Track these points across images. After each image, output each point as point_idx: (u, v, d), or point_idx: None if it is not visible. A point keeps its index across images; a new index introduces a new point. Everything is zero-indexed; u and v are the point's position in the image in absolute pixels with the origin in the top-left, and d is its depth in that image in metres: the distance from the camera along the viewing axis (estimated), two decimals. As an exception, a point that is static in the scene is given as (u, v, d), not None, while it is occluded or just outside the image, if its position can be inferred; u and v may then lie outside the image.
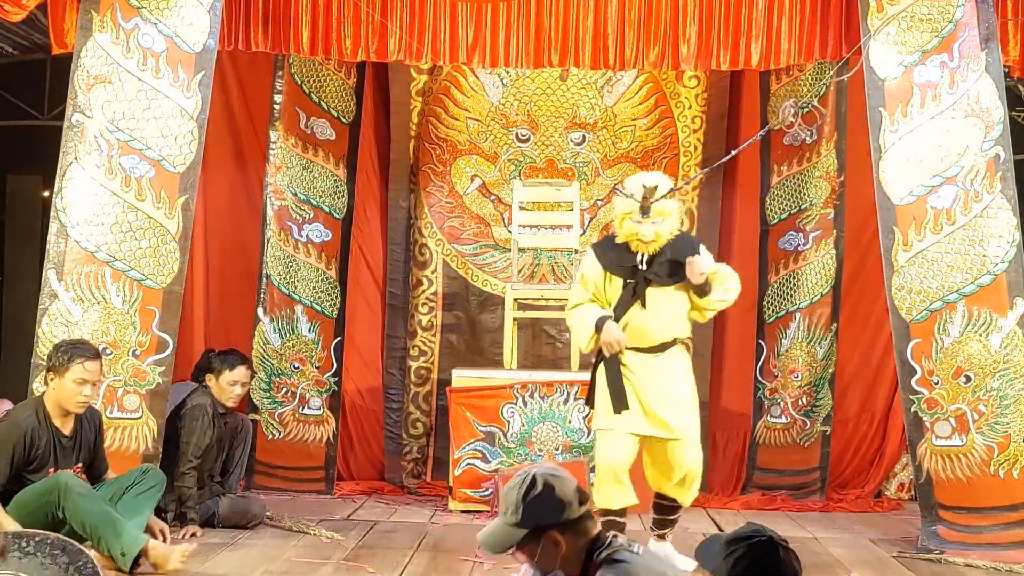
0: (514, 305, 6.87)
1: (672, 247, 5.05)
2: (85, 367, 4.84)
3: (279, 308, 7.15)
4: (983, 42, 5.71)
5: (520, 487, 2.86)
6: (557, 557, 2.84)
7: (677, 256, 5.02)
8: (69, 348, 4.89)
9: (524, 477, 2.88)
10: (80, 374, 4.82)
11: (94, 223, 5.62)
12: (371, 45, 6.24)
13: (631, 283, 5.00)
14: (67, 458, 4.88)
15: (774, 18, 6.15)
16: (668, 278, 5.01)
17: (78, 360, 4.82)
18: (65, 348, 4.89)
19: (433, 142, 7.59)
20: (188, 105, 5.73)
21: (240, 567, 4.92)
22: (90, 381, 4.88)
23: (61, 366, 4.82)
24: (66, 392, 4.83)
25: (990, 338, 5.59)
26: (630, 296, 4.99)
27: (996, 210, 5.63)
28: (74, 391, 4.83)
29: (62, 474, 4.70)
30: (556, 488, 2.85)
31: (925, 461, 5.62)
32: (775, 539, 2.49)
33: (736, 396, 7.48)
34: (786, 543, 2.47)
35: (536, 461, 6.39)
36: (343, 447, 7.36)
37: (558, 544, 2.83)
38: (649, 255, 5.00)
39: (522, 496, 2.85)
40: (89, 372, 4.85)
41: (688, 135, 7.57)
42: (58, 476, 4.68)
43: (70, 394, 4.84)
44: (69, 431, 4.90)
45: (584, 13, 6.23)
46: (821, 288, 7.21)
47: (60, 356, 4.84)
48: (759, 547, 2.47)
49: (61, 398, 4.85)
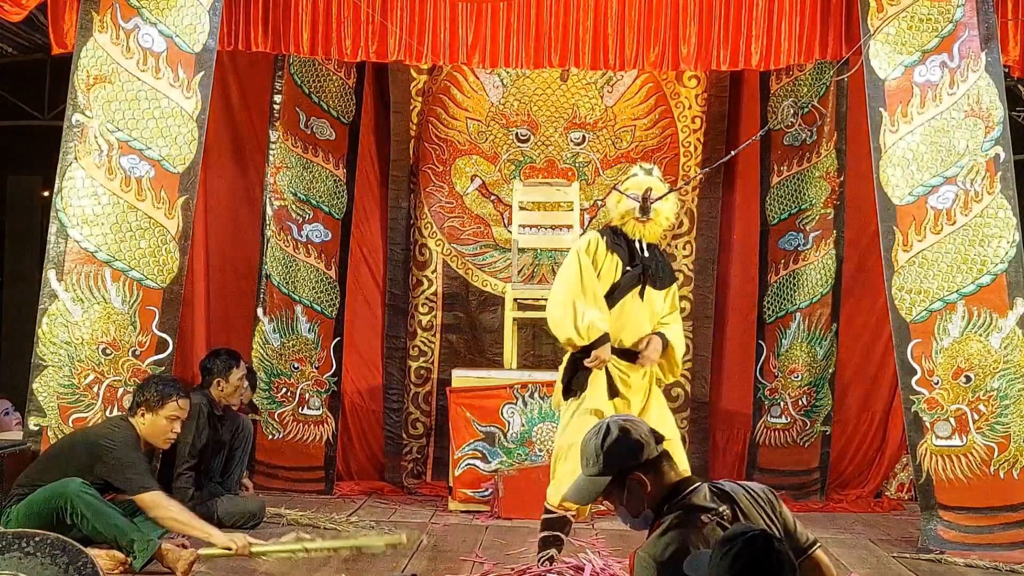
0: (514, 305, 6.87)
1: (662, 255, 4.96)
2: (179, 404, 5.00)
3: (279, 308, 7.15)
4: (983, 42, 5.71)
5: (596, 437, 2.95)
6: (644, 498, 2.91)
7: (666, 267, 4.94)
8: (164, 385, 5.01)
9: (597, 428, 2.97)
10: (175, 411, 4.98)
11: (94, 223, 5.62)
12: (371, 45, 6.24)
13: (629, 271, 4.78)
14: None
15: (774, 18, 6.14)
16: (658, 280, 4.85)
17: (174, 398, 4.97)
18: (160, 385, 5.00)
19: (433, 142, 7.59)
20: (188, 105, 5.73)
21: (240, 567, 4.91)
22: (181, 418, 5.04)
23: (156, 403, 4.94)
24: (159, 428, 4.96)
25: (990, 338, 5.59)
26: (631, 283, 4.77)
27: (996, 210, 5.63)
28: (166, 428, 4.97)
29: (71, 482, 4.69)
30: (631, 431, 2.95)
31: (925, 461, 5.63)
32: (769, 534, 2.51)
33: (736, 396, 7.49)
34: (779, 538, 2.49)
35: (536, 461, 6.39)
36: (343, 447, 7.37)
37: (643, 484, 2.90)
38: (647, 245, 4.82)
39: (600, 444, 2.93)
40: (183, 410, 5.02)
41: (688, 135, 7.57)
42: (66, 484, 4.68)
43: (162, 430, 4.98)
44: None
45: (584, 13, 6.22)
46: (821, 288, 7.22)
47: (154, 393, 4.95)
48: (755, 542, 2.50)
49: (151, 433, 4.97)
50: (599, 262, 4.77)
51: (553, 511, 4.62)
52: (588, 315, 4.66)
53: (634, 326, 4.79)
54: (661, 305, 4.87)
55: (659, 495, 2.91)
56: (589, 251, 4.78)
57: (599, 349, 4.65)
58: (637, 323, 4.79)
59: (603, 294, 4.75)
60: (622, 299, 4.77)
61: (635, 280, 4.78)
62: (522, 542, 5.56)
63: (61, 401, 5.53)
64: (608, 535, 5.78)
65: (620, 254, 4.79)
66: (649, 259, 4.82)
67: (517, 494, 6.26)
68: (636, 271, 4.78)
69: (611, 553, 5.22)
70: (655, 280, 4.83)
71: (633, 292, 4.79)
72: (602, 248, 4.78)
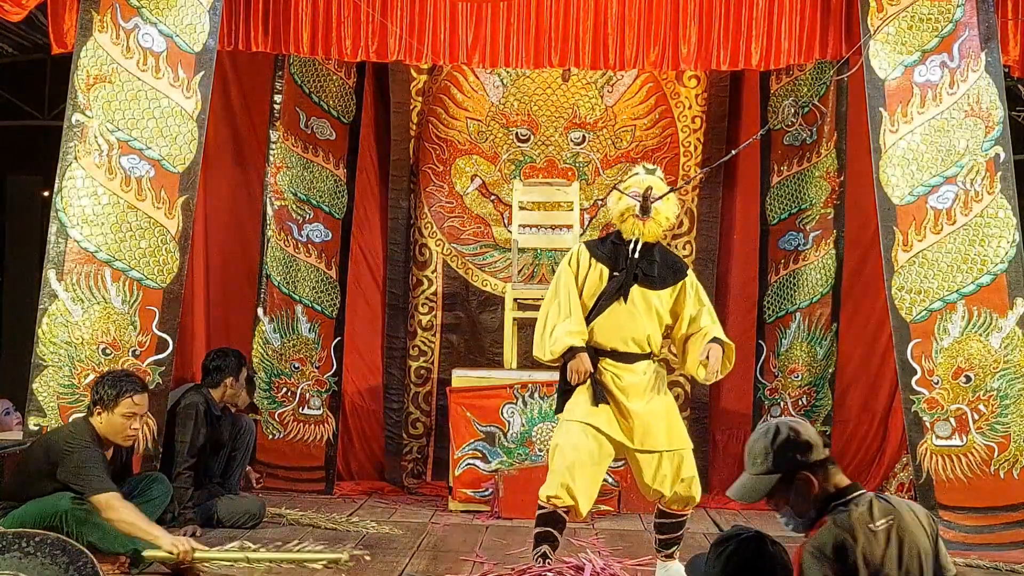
0: (514, 305, 6.86)
1: (663, 254, 4.84)
2: (135, 401, 4.80)
3: (279, 308, 7.16)
4: (983, 42, 5.71)
5: (765, 436, 2.96)
6: (810, 498, 2.90)
7: (666, 266, 4.81)
8: (116, 381, 4.82)
9: (766, 429, 2.98)
10: (131, 408, 4.79)
11: (94, 223, 5.62)
12: (371, 45, 6.23)
13: (615, 276, 4.72)
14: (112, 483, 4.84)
15: (774, 18, 6.14)
16: (655, 280, 4.77)
17: (127, 395, 4.78)
18: (112, 381, 4.82)
19: (433, 142, 7.59)
20: (188, 105, 5.73)
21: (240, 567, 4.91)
22: (139, 415, 4.86)
23: (110, 400, 4.76)
24: (116, 426, 4.78)
25: (990, 338, 5.59)
26: (615, 289, 4.71)
27: (996, 210, 5.63)
28: (124, 425, 4.79)
29: (61, 499, 4.63)
30: (801, 431, 2.95)
31: (925, 461, 5.63)
32: (763, 535, 2.53)
33: (736, 396, 7.48)
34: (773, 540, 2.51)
35: (536, 461, 6.39)
36: (343, 447, 7.37)
37: (811, 484, 2.88)
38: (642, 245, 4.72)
39: (770, 443, 2.94)
40: (138, 406, 4.82)
41: (688, 135, 7.57)
42: (57, 502, 4.61)
43: (120, 428, 4.79)
44: (110, 456, 4.87)
45: (584, 13, 6.22)
46: (821, 288, 7.22)
47: (107, 390, 4.77)
48: (748, 543, 2.53)
49: (109, 432, 4.79)
50: (582, 273, 4.76)
51: (544, 506, 4.60)
52: (556, 331, 4.68)
53: (628, 330, 4.72)
54: (667, 304, 4.78)
55: (825, 496, 2.90)
56: (572, 263, 4.79)
57: (573, 362, 4.63)
58: (632, 327, 4.72)
59: (590, 303, 4.73)
60: (609, 306, 4.72)
61: (618, 285, 4.72)
62: (522, 542, 5.55)
63: (61, 401, 5.53)
64: (608, 535, 5.79)
65: (605, 262, 4.76)
66: (639, 260, 4.73)
67: (517, 494, 6.26)
68: (620, 277, 4.72)
69: (611, 553, 5.22)
70: (650, 281, 4.74)
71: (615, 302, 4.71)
72: (584, 259, 4.77)
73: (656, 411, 4.70)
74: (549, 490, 4.57)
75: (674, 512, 4.75)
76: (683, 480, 4.67)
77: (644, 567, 5.00)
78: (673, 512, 4.75)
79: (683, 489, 4.67)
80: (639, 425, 4.66)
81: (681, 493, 4.68)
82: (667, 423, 4.71)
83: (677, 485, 4.67)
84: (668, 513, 4.76)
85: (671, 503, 4.72)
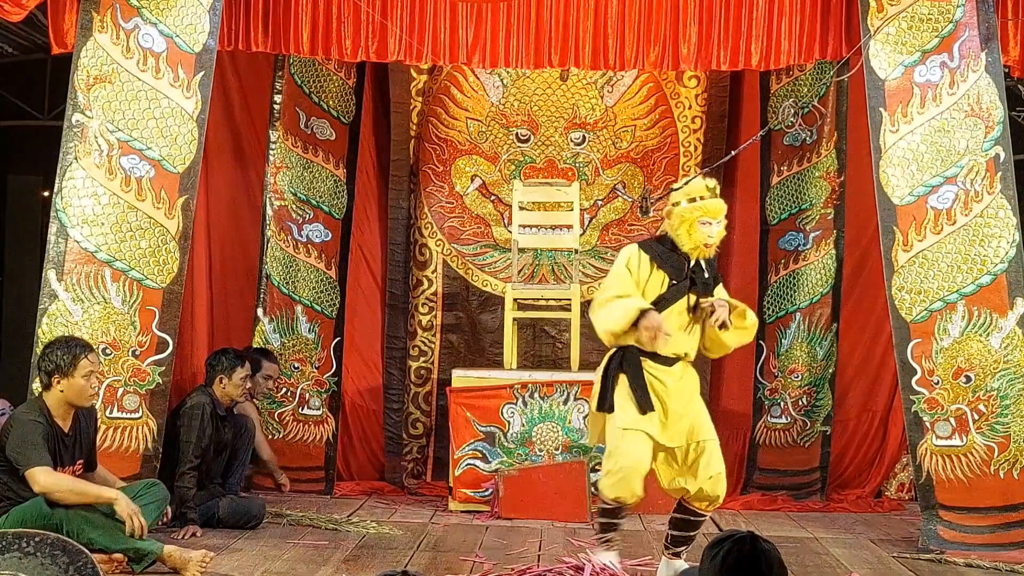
0: (514, 305, 6.87)
1: (707, 262, 4.89)
2: (90, 360, 4.86)
3: (279, 308, 7.16)
4: (983, 42, 5.71)
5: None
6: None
7: (712, 275, 4.90)
8: (67, 347, 4.87)
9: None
10: (89, 367, 4.84)
11: (94, 223, 5.62)
12: (371, 45, 6.23)
13: (676, 284, 4.78)
14: (70, 456, 4.87)
15: (774, 18, 6.14)
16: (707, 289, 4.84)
17: (82, 355, 4.83)
18: (64, 348, 4.86)
19: (433, 142, 7.59)
20: (188, 105, 5.73)
21: (240, 567, 4.92)
22: (95, 372, 4.93)
23: (68, 366, 4.80)
24: (78, 388, 4.83)
25: (990, 338, 5.59)
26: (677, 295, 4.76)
27: (996, 210, 5.63)
28: (85, 386, 4.85)
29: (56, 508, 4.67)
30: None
31: (925, 461, 5.63)
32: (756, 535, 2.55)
33: (736, 396, 7.48)
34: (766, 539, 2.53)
35: (536, 461, 6.39)
36: (343, 447, 7.37)
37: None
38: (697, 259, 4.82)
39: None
40: (94, 363, 4.90)
41: (688, 135, 7.57)
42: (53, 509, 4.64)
43: (83, 390, 4.85)
44: (68, 429, 4.89)
45: (584, 13, 6.22)
46: (821, 288, 7.22)
47: (63, 356, 4.81)
48: (741, 543, 2.54)
49: (72, 396, 4.84)
50: (642, 277, 4.80)
51: (608, 503, 4.76)
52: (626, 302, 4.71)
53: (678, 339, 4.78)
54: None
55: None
56: (631, 265, 4.82)
57: (645, 320, 4.63)
58: (681, 336, 4.79)
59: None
60: (666, 310, 4.76)
61: (680, 294, 4.78)
62: (522, 542, 5.57)
63: (61, 401, 5.52)
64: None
65: (667, 269, 4.80)
66: (697, 270, 4.82)
67: (517, 494, 6.27)
68: (683, 285, 4.78)
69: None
70: (704, 290, 4.83)
71: (679, 305, 4.78)
72: (645, 263, 4.81)
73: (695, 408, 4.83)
74: (616, 491, 4.70)
75: (695, 510, 4.78)
76: (711, 477, 4.72)
77: (644, 567, 5.00)
78: (694, 509, 4.78)
79: (710, 487, 4.72)
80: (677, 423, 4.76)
81: (707, 490, 4.72)
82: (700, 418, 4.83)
83: (703, 481, 4.71)
84: (689, 510, 4.79)
85: (694, 499, 4.76)
